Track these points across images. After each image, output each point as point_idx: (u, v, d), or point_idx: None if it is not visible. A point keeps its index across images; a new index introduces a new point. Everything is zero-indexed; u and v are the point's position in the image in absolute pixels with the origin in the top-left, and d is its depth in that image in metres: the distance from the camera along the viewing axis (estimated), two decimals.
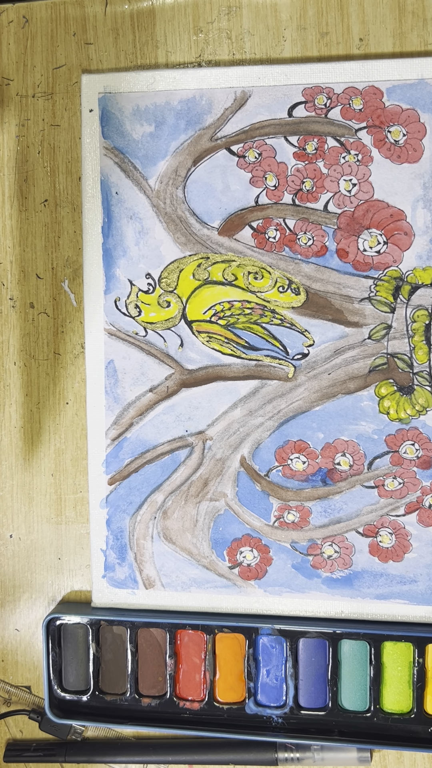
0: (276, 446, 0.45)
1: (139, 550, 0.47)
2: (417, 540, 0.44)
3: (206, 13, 0.45)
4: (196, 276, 0.45)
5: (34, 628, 0.50)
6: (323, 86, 0.43)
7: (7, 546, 0.49)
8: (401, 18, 0.43)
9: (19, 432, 0.49)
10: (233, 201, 0.44)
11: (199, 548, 0.47)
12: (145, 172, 0.45)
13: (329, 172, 0.44)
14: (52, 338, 0.48)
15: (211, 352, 0.46)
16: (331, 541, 0.45)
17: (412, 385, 0.44)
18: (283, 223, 0.44)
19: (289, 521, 0.46)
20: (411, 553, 0.45)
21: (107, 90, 0.45)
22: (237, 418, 0.46)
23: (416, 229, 0.43)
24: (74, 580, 0.49)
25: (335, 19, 0.44)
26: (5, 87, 0.47)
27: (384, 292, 0.44)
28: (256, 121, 0.44)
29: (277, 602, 0.46)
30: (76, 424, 0.48)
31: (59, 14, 0.47)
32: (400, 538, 0.45)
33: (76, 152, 0.47)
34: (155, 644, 0.47)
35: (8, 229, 0.48)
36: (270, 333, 0.45)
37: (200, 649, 0.46)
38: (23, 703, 0.50)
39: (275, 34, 0.45)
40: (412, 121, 0.42)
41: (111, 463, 0.47)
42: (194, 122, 0.44)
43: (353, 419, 0.45)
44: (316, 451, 0.45)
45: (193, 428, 0.46)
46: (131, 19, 0.46)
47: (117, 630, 0.47)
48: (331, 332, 0.44)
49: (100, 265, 0.46)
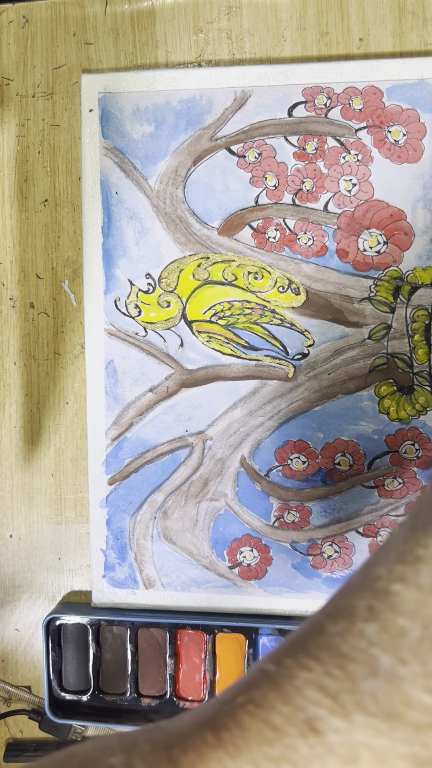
0: (276, 446, 0.45)
1: (139, 550, 0.47)
2: None
3: (206, 13, 0.45)
4: (196, 276, 0.45)
5: (34, 628, 0.50)
6: (323, 86, 0.43)
7: (7, 546, 0.49)
8: (401, 18, 0.43)
9: (19, 432, 0.49)
10: (233, 201, 0.44)
11: (199, 548, 0.47)
12: (145, 172, 0.45)
13: (329, 172, 0.44)
14: (52, 338, 0.48)
15: (211, 352, 0.46)
16: (331, 541, 0.45)
17: (412, 385, 0.44)
18: (283, 223, 0.44)
19: (289, 521, 0.46)
20: None
21: (107, 90, 0.45)
22: (237, 418, 0.46)
23: (416, 229, 0.43)
24: (74, 580, 0.49)
25: (335, 19, 0.44)
26: (5, 87, 0.47)
27: (384, 292, 0.44)
28: (256, 121, 0.44)
29: (277, 602, 0.46)
30: (76, 424, 0.48)
31: (59, 14, 0.47)
32: None
33: (76, 152, 0.47)
34: (155, 644, 0.47)
35: (8, 229, 0.48)
36: (270, 333, 0.45)
37: (200, 649, 0.46)
38: (23, 703, 0.50)
39: (275, 34, 0.45)
40: (412, 121, 0.42)
41: (111, 463, 0.47)
42: (194, 122, 0.44)
43: (353, 419, 0.45)
44: (316, 451, 0.45)
45: (193, 428, 0.46)
46: (131, 19, 0.46)
47: (117, 630, 0.47)
48: (331, 332, 0.44)
49: (100, 265, 0.46)
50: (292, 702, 0.18)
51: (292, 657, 0.19)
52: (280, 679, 0.19)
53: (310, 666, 0.18)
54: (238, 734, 0.18)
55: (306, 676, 0.18)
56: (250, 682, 0.19)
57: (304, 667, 0.18)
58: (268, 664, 0.19)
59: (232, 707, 0.19)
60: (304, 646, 0.19)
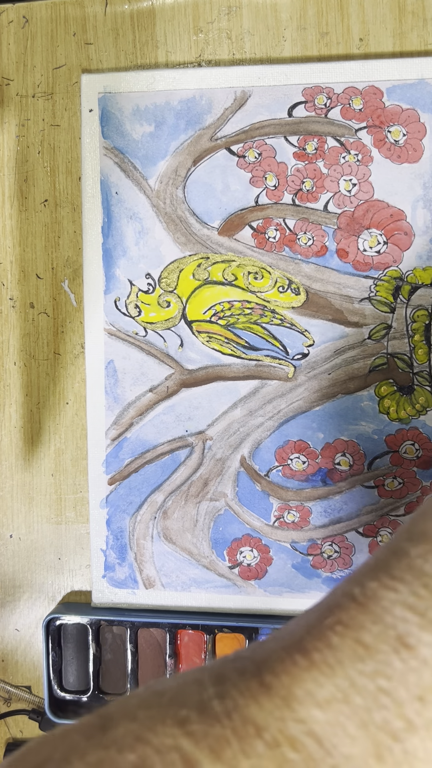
0: (276, 446, 0.45)
1: (139, 550, 0.47)
2: None
3: (206, 13, 0.45)
4: (196, 276, 0.45)
5: (34, 628, 0.50)
6: (323, 86, 0.43)
7: (7, 546, 0.49)
8: (401, 18, 0.43)
9: (19, 432, 0.49)
10: (233, 201, 0.44)
11: (199, 548, 0.47)
12: (145, 172, 0.45)
13: (329, 172, 0.44)
14: (52, 338, 0.48)
15: (211, 352, 0.46)
16: (331, 541, 0.45)
17: (412, 385, 0.44)
18: (283, 223, 0.44)
19: (289, 521, 0.46)
20: None
21: (107, 90, 0.45)
22: (237, 418, 0.46)
23: (416, 229, 0.43)
24: (74, 580, 0.49)
25: (335, 19, 0.44)
26: (5, 87, 0.47)
27: (384, 292, 0.44)
28: (256, 121, 0.44)
29: (277, 602, 0.46)
30: (76, 424, 0.48)
31: (59, 14, 0.47)
32: None
33: (76, 152, 0.47)
34: (155, 644, 0.47)
35: (8, 229, 0.48)
36: (270, 333, 0.45)
37: (200, 649, 0.46)
38: (23, 703, 0.50)
39: (275, 34, 0.45)
40: (412, 121, 0.42)
41: (111, 463, 0.47)
42: (194, 122, 0.44)
43: (353, 419, 0.45)
44: (316, 451, 0.45)
45: (193, 428, 0.46)
46: (131, 19, 0.46)
47: (117, 630, 0.47)
48: (331, 332, 0.44)
49: (100, 265, 0.46)
50: (382, 621, 0.19)
51: (375, 580, 0.20)
52: (365, 601, 0.19)
53: (395, 587, 0.19)
54: (329, 654, 0.19)
55: (392, 597, 0.19)
56: (334, 605, 0.20)
57: (390, 588, 0.19)
58: (352, 588, 0.20)
59: (320, 630, 0.20)
60: (386, 569, 0.20)
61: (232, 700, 0.19)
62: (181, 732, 0.18)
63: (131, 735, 0.19)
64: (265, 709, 0.18)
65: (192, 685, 0.20)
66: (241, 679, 0.19)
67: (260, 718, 0.18)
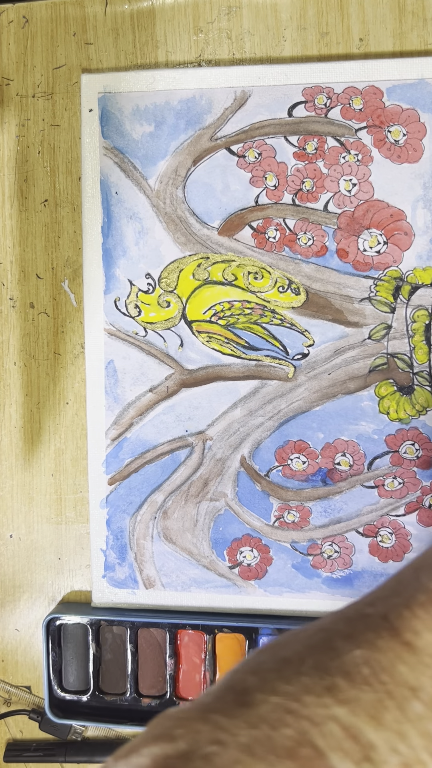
0: (276, 446, 0.45)
1: (139, 550, 0.47)
2: (417, 540, 0.44)
3: (206, 13, 0.45)
4: (196, 276, 0.45)
5: (34, 628, 0.50)
6: (323, 86, 0.43)
7: (7, 546, 0.49)
8: (401, 18, 0.43)
9: (19, 432, 0.49)
10: (233, 201, 0.44)
11: (199, 548, 0.47)
12: (145, 172, 0.45)
13: (329, 172, 0.44)
14: (52, 338, 0.48)
15: (211, 352, 0.46)
16: (332, 541, 0.45)
17: (412, 385, 0.44)
18: (283, 223, 0.44)
19: (289, 521, 0.46)
20: (411, 552, 0.45)
21: (107, 90, 0.45)
22: (237, 418, 0.46)
23: (416, 229, 0.43)
24: (74, 580, 0.49)
25: (335, 19, 0.44)
26: (5, 87, 0.47)
27: (384, 292, 0.44)
28: (256, 121, 0.44)
29: (277, 602, 0.46)
30: (76, 424, 0.48)
31: (59, 14, 0.47)
32: (400, 538, 0.45)
33: (76, 152, 0.47)
34: (155, 644, 0.47)
35: (8, 229, 0.48)
36: (270, 333, 0.45)
37: (200, 649, 0.46)
38: (23, 703, 0.50)
39: (275, 34, 0.45)
40: (412, 121, 0.42)
41: (111, 463, 0.47)
42: (194, 122, 0.44)
43: (353, 419, 0.45)
44: (316, 451, 0.45)
45: (193, 428, 0.46)
46: (131, 19, 0.46)
47: (117, 630, 0.47)
48: (331, 332, 0.44)
49: (100, 265, 0.46)
50: None
51: None
52: None
53: None
54: None
55: None
56: None
57: None
58: None
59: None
60: None
61: (377, 661, 0.18)
62: (333, 701, 0.18)
63: (280, 709, 0.18)
64: (416, 669, 0.18)
65: (325, 650, 0.20)
66: (377, 637, 0.19)
67: (412, 678, 0.18)
